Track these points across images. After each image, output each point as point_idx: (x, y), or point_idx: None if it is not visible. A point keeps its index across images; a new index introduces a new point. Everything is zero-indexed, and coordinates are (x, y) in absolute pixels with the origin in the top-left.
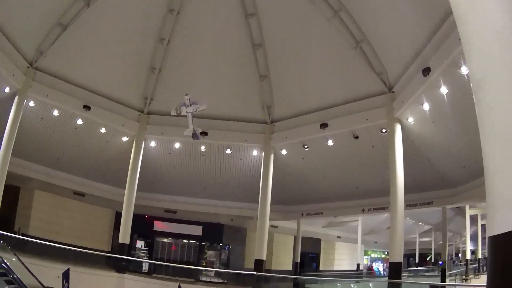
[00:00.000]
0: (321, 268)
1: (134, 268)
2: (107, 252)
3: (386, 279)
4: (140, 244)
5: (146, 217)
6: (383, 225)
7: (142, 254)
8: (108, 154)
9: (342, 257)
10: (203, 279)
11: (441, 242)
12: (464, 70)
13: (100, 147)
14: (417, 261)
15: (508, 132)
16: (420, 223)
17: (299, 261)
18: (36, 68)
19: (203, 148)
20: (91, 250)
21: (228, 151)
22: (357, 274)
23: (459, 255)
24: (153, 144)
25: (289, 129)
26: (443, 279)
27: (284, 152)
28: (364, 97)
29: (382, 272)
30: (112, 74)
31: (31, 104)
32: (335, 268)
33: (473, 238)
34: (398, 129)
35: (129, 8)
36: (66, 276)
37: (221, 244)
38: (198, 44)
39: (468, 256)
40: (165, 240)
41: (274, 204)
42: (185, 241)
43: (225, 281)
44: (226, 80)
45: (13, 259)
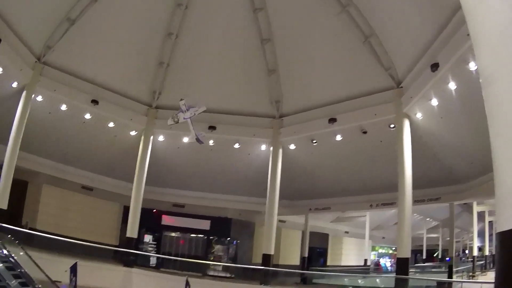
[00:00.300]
0: (328, 263)
1: (142, 262)
2: (115, 246)
3: (393, 275)
4: (148, 238)
5: (154, 211)
6: (391, 221)
7: (150, 248)
8: (116, 148)
9: (349, 253)
10: (211, 273)
11: (448, 239)
12: (472, 66)
13: (108, 141)
14: (424, 257)
15: None
16: (428, 219)
17: (306, 256)
18: (44, 62)
19: (211, 142)
20: (99, 244)
21: (237, 145)
22: (364, 270)
23: (466, 251)
24: (161, 138)
25: (298, 124)
26: (450, 276)
27: (292, 147)
28: (373, 92)
29: (389, 268)
30: (120, 69)
31: (39, 98)
32: (343, 264)
33: (480, 234)
34: (407, 125)
35: (137, 3)
36: (73, 270)
37: (229, 239)
38: (206, 38)
39: (475, 252)
40: (173, 235)
41: (282, 198)
42: (193, 235)
43: (233, 276)
44: (234, 75)
45: (21, 253)
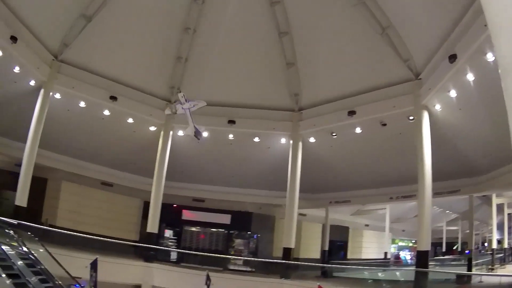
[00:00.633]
0: (349, 256)
1: (162, 257)
2: (136, 242)
3: (413, 268)
4: (168, 233)
5: (175, 206)
6: (411, 213)
7: (171, 243)
8: (135, 144)
9: (369, 246)
10: (231, 267)
11: (468, 231)
12: (490, 57)
13: (127, 137)
14: (444, 250)
15: None
16: (447, 212)
17: (327, 249)
18: (61, 60)
19: (231, 136)
20: (119, 239)
21: (256, 139)
22: (384, 263)
23: (485, 244)
24: (180, 133)
25: (317, 117)
26: (469, 269)
27: (312, 140)
28: (391, 84)
29: (409, 261)
30: (138, 64)
31: (57, 96)
32: (363, 257)
33: (499, 227)
34: (426, 116)
35: None
36: (94, 266)
37: (249, 233)
38: (224, 33)
39: (494, 245)
40: (193, 229)
41: (302, 192)
42: (213, 230)
43: (253, 270)
44: (253, 69)
45: (41, 250)
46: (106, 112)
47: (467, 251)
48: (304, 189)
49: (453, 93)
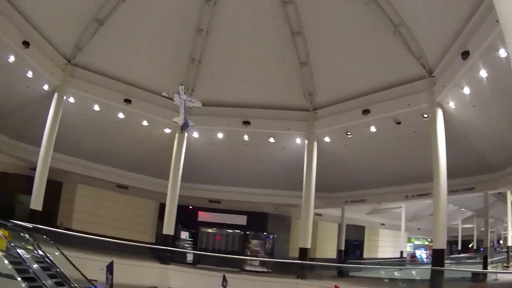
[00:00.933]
0: (365, 256)
1: (178, 259)
2: (152, 244)
3: (429, 266)
4: (184, 235)
5: (190, 207)
6: (426, 212)
7: (187, 245)
8: (150, 146)
9: (385, 245)
10: (248, 268)
11: (483, 229)
12: (502, 53)
13: (142, 139)
14: (459, 248)
15: None
16: (463, 209)
17: (343, 249)
18: (75, 64)
19: (246, 137)
20: (135, 242)
21: (271, 139)
22: (400, 262)
23: (501, 242)
24: (195, 135)
25: (332, 116)
26: (484, 267)
27: (327, 139)
28: (405, 82)
29: (425, 260)
30: (152, 67)
31: (71, 100)
32: (379, 256)
33: None
34: (440, 114)
35: (165, 0)
36: (110, 268)
37: (265, 233)
38: (236, 33)
39: (510, 243)
40: (209, 230)
41: (318, 191)
42: (229, 231)
43: (270, 270)
44: (266, 69)
45: (56, 253)
46: (121, 115)
47: (482, 249)
48: (320, 188)
49: (466, 90)
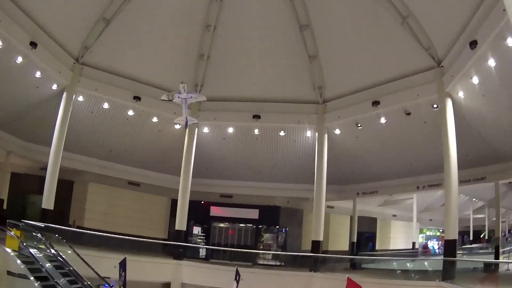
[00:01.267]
0: (377, 247)
1: (191, 254)
2: (164, 240)
3: (441, 257)
4: (197, 230)
5: (202, 203)
6: (438, 202)
7: (199, 240)
8: (161, 142)
9: (398, 236)
10: (261, 262)
11: (494, 219)
12: (510, 42)
13: (152, 136)
14: (471, 238)
15: None
16: (474, 200)
17: (355, 241)
18: (83, 63)
19: (256, 131)
20: (148, 238)
21: (282, 133)
22: (412, 253)
23: None
24: (206, 130)
25: (342, 108)
26: (496, 257)
27: (337, 132)
28: (414, 72)
29: (437, 251)
30: (160, 64)
31: (80, 98)
32: (391, 247)
33: None
34: (449, 104)
35: None
36: (123, 265)
37: (277, 227)
38: (244, 28)
39: None
40: (221, 225)
41: (330, 184)
42: (241, 225)
43: (282, 264)
44: (275, 63)
45: (69, 251)
46: (130, 112)
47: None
48: (331, 181)
49: (475, 80)
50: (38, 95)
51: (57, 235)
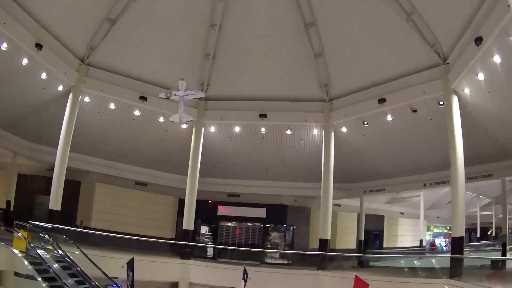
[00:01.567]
0: (384, 245)
1: (198, 254)
2: (172, 240)
3: (449, 254)
4: (204, 229)
5: (210, 202)
6: (445, 200)
7: (207, 240)
8: (168, 142)
9: (405, 234)
10: (268, 261)
11: (501, 216)
12: None
13: (159, 136)
14: (478, 235)
15: None
16: (481, 197)
17: (363, 239)
18: (88, 64)
19: (263, 130)
20: (155, 238)
21: (289, 131)
22: (420, 251)
23: None
24: (212, 129)
25: (348, 106)
26: (503, 253)
27: (344, 130)
28: (420, 69)
29: (444, 248)
30: (166, 63)
31: (86, 99)
32: (399, 245)
33: None
34: (455, 101)
35: None
36: (130, 265)
37: (285, 225)
38: (249, 27)
39: None
40: (229, 224)
41: (337, 182)
42: (249, 224)
43: (290, 262)
44: (281, 61)
45: (76, 252)
46: (137, 113)
47: (500, 236)
48: (338, 179)
49: (481, 76)
50: (44, 97)
51: (64, 236)
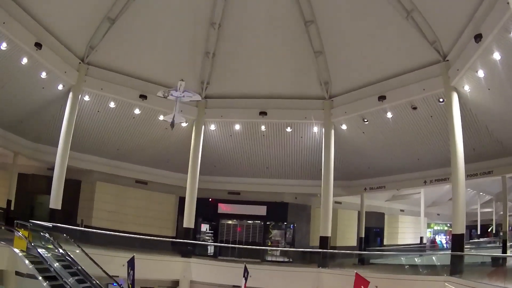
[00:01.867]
0: (385, 242)
1: (199, 252)
2: (172, 238)
3: (449, 252)
4: (205, 227)
5: (210, 200)
6: (445, 197)
7: (207, 238)
8: (168, 140)
9: (405, 231)
10: (269, 259)
11: (502, 213)
12: None
13: (159, 134)
14: (479, 232)
15: None
16: (481, 194)
17: (363, 236)
18: (88, 63)
19: (263, 128)
20: (156, 236)
21: (289, 129)
22: (420, 248)
23: None
24: (213, 127)
25: (348, 104)
26: (504, 251)
27: (344, 127)
28: (420, 67)
29: (445, 245)
30: (166, 62)
31: (86, 98)
32: (399, 242)
33: None
34: (455, 98)
35: None
36: (131, 264)
37: (285, 223)
38: (249, 25)
39: None
40: (230, 222)
41: (337, 179)
42: (249, 222)
43: (291, 260)
44: (281, 59)
45: (77, 251)
46: (137, 111)
47: (501, 233)
48: (339, 176)
49: (481, 73)
50: (44, 96)
51: (65, 235)
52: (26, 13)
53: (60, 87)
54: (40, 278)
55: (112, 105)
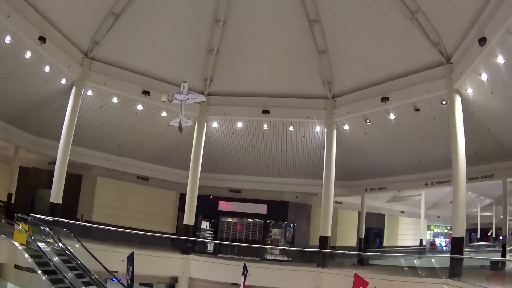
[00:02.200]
0: (385, 244)
1: (199, 249)
2: (172, 234)
3: (449, 254)
4: (205, 224)
5: (211, 197)
6: (446, 199)
7: (207, 235)
8: (170, 137)
9: (405, 233)
10: (268, 257)
11: (502, 217)
12: None
13: (161, 130)
14: (478, 236)
15: None
16: (482, 197)
17: (363, 237)
18: (92, 58)
19: (265, 126)
20: (156, 233)
21: (291, 128)
22: (420, 250)
23: None
24: (215, 124)
25: (351, 104)
26: (503, 255)
27: (346, 127)
28: (423, 68)
29: (444, 248)
30: (169, 58)
31: (89, 93)
32: (399, 244)
33: None
34: (458, 101)
35: None
36: (130, 259)
37: (286, 222)
38: (254, 23)
39: None
40: (230, 220)
41: (338, 179)
42: (250, 220)
43: (290, 259)
44: (285, 58)
45: (77, 245)
46: (140, 107)
47: (501, 237)
48: (340, 176)
49: (484, 77)
50: (47, 90)
51: (65, 229)
52: (30, 6)
53: (63, 81)
54: (39, 272)
55: (115, 100)
